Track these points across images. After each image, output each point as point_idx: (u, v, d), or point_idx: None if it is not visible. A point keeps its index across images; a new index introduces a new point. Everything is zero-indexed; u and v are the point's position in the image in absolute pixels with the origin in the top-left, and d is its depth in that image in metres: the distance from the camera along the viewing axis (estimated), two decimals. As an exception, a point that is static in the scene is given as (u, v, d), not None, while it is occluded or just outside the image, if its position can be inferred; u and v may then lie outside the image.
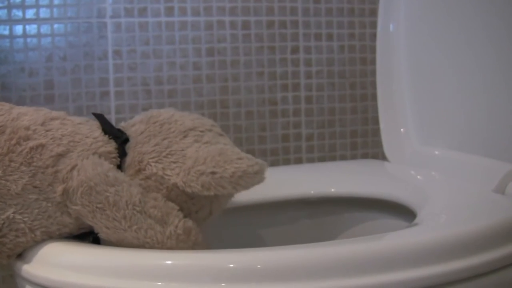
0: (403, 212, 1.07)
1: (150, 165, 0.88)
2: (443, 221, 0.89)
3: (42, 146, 0.84)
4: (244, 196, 1.14)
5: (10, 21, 1.47)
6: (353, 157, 1.71)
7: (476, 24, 1.12)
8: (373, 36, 1.65)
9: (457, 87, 1.17)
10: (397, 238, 0.80)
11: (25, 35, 1.48)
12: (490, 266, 0.77)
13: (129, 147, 0.92)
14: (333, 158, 1.69)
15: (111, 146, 0.90)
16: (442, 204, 0.97)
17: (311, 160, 1.68)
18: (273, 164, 1.64)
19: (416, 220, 0.89)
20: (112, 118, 1.50)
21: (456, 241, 0.77)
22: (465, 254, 0.76)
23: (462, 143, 1.16)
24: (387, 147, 1.29)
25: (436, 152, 1.19)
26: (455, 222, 0.86)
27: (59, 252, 0.79)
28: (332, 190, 1.18)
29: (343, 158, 1.70)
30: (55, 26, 1.49)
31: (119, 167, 0.90)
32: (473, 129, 1.15)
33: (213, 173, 0.84)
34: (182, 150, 0.90)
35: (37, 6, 1.48)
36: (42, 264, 0.77)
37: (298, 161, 1.67)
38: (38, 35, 1.48)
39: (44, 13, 1.48)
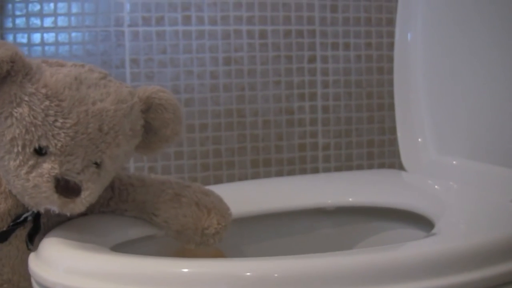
0: (421, 222, 1.06)
1: None
2: (461, 231, 0.88)
3: None
4: (261, 205, 1.14)
5: (28, 29, 1.47)
6: (370, 167, 1.71)
7: (495, 31, 1.11)
8: (390, 46, 1.65)
9: (474, 96, 1.17)
10: (415, 248, 0.80)
11: (43, 43, 1.48)
12: (510, 277, 0.76)
13: None
14: (349, 168, 1.69)
15: None
16: (460, 214, 0.96)
17: (327, 170, 1.67)
18: (290, 173, 1.64)
19: (434, 230, 0.88)
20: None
21: (474, 251, 0.77)
22: (484, 265, 0.76)
23: (480, 153, 1.16)
24: (405, 156, 1.28)
25: (454, 162, 1.18)
26: (473, 232, 0.86)
27: (75, 258, 0.79)
28: (350, 199, 1.17)
29: (359, 167, 1.70)
30: (73, 34, 1.50)
31: None
32: (491, 138, 1.14)
33: None
34: None
35: (55, 14, 1.49)
36: (58, 270, 0.77)
37: (315, 170, 1.66)
38: (56, 43, 1.49)
39: (62, 21, 1.49)
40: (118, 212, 0.98)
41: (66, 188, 0.84)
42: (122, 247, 0.92)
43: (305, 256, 0.77)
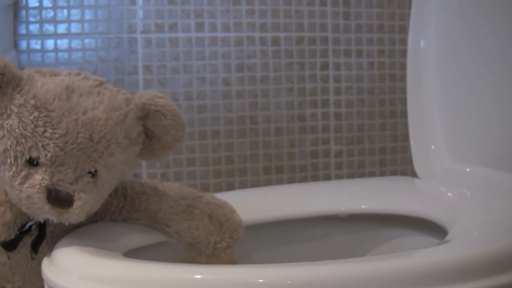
0: (434, 230, 1.06)
1: None
2: (474, 239, 0.88)
3: None
4: (273, 212, 1.14)
5: (42, 35, 1.48)
6: (382, 174, 1.70)
7: (508, 40, 1.11)
8: (403, 53, 1.65)
9: (487, 103, 1.17)
10: (429, 255, 0.80)
11: (56, 49, 1.49)
12: (523, 285, 0.76)
13: None
14: (362, 175, 1.69)
15: None
16: (473, 222, 0.96)
17: (340, 177, 1.67)
18: (302, 180, 1.64)
19: (447, 238, 0.88)
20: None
21: (488, 259, 0.77)
22: (498, 272, 0.76)
23: (493, 160, 1.15)
24: (417, 164, 1.28)
25: (467, 169, 1.18)
26: (487, 240, 0.86)
27: (89, 264, 0.79)
28: (363, 206, 1.17)
29: (372, 175, 1.70)
30: (86, 41, 1.51)
31: None
32: (504, 146, 1.14)
33: None
34: None
35: (68, 21, 1.49)
36: (72, 276, 0.77)
37: (327, 177, 1.66)
38: (69, 49, 1.50)
39: (75, 28, 1.50)
40: (130, 220, 0.98)
41: (57, 198, 0.83)
42: (134, 253, 0.92)
43: (318, 263, 0.77)
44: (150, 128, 0.91)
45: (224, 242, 0.96)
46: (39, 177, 0.83)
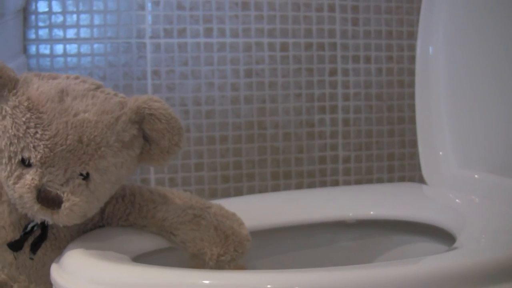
0: (442, 236, 1.06)
1: None
2: (483, 245, 0.88)
3: None
4: (281, 218, 1.14)
5: (51, 40, 1.48)
6: (390, 180, 1.70)
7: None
8: (411, 59, 1.65)
9: (496, 110, 1.16)
10: (437, 262, 0.80)
11: (65, 54, 1.49)
12: (532, 292, 0.76)
13: None
14: (370, 181, 1.69)
15: None
16: (481, 228, 0.96)
17: (347, 183, 1.67)
18: (310, 186, 1.64)
19: (456, 244, 0.88)
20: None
21: (497, 266, 0.76)
22: (506, 279, 0.75)
23: (501, 167, 1.15)
24: (426, 170, 1.28)
25: (476, 176, 1.18)
26: (495, 247, 0.85)
27: (98, 268, 0.79)
28: (371, 212, 1.17)
29: (380, 181, 1.69)
30: (95, 45, 1.51)
31: None
32: (513, 153, 1.14)
33: None
34: None
35: (77, 26, 1.50)
36: (81, 280, 0.77)
37: (335, 183, 1.66)
38: (78, 54, 1.50)
39: (84, 33, 1.50)
40: (136, 227, 0.98)
41: (47, 199, 0.84)
42: (143, 258, 0.92)
43: (326, 269, 0.76)
44: (147, 132, 0.91)
45: (228, 255, 0.95)
46: (30, 177, 0.84)
